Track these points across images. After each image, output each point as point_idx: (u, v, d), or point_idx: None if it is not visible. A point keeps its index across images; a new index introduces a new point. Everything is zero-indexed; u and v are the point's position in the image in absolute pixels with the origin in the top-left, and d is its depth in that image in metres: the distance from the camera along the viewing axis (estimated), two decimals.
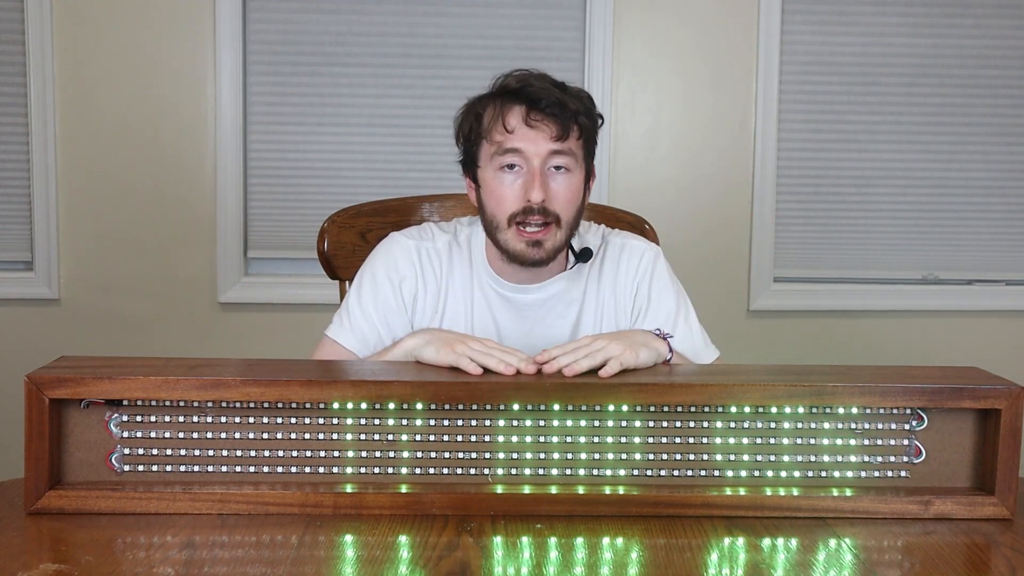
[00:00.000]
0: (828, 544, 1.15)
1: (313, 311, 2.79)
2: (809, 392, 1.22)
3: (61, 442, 1.20)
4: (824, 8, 2.91)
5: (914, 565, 1.11)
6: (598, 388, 1.21)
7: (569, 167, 1.51)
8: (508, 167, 1.50)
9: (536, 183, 1.48)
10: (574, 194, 1.52)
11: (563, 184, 1.51)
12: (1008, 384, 1.23)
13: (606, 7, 2.82)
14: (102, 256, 2.82)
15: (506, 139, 1.49)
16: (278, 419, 1.22)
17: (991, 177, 3.01)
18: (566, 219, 1.52)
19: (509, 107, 1.50)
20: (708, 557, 1.11)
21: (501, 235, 1.52)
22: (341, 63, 2.83)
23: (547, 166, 1.50)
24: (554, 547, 1.12)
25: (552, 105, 1.48)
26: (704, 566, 1.08)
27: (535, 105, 1.49)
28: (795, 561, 1.11)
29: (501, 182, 1.51)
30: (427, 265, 1.60)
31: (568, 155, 1.50)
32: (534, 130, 1.49)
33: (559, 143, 1.49)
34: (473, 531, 1.15)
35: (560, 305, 1.61)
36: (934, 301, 3.01)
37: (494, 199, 1.52)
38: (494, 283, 1.60)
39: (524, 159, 1.49)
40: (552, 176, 1.50)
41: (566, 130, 1.49)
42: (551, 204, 1.49)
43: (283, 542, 1.11)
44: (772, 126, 2.90)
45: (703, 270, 2.89)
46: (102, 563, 1.04)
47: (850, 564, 1.10)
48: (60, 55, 2.75)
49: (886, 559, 1.12)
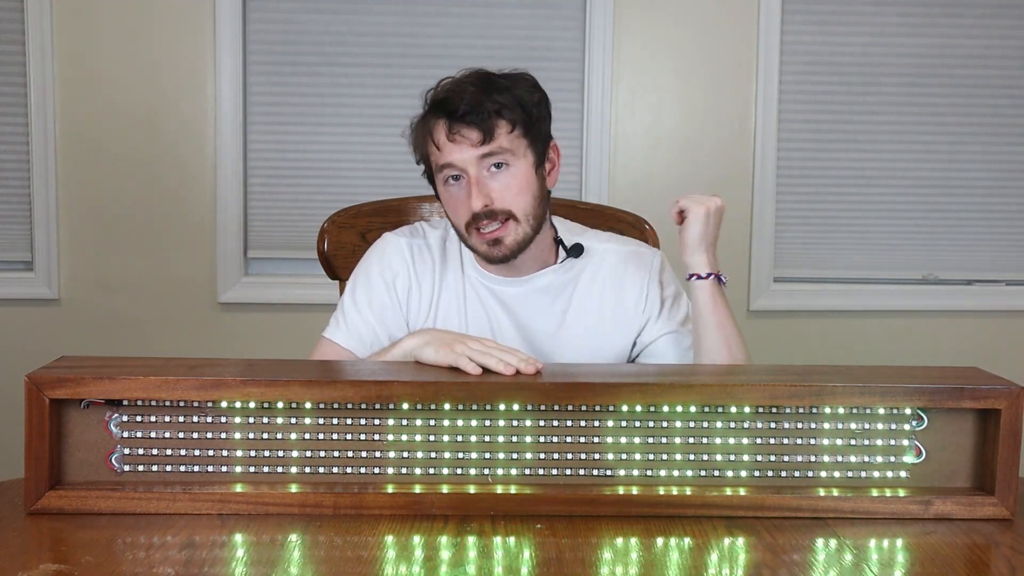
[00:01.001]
0: (828, 544, 1.15)
1: (313, 311, 2.79)
2: (809, 392, 1.22)
3: (61, 442, 1.20)
4: (824, 8, 2.91)
5: (914, 565, 1.11)
6: (599, 389, 1.21)
7: (507, 162, 1.51)
8: (452, 179, 1.53)
9: (473, 191, 1.49)
10: (520, 186, 1.52)
11: (505, 181, 1.51)
12: (1008, 384, 1.23)
13: (606, 7, 2.82)
14: (102, 256, 2.82)
15: (438, 156, 1.53)
16: (278, 419, 1.21)
17: (991, 177, 3.01)
18: (521, 212, 1.52)
19: (434, 123, 1.53)
20: (708, 557, 1.11)
21: (468, 242, 1.56)
22: (341, 63, 2.83)
23: (483, 169, 1.50)
24: (554, 547, 1.12)
25: (469, 112, 1.48)
26: (704, 566, 1.08)
27: (453, 116, 1.49)
28: (795, 561, 1.11)
29: (450, 195, 1.54)
30: (419, 261, 1.62)
31: (500, 152, 1.50)
32: (456, 143, 1.50)
33: (485, 146, 1.49)
34: (473, 531, 1.15)
35: (546, 299, 1.61)
36: (934, 301, 3.02)
37: (450, 211, 1.56)
38: (481, 277, 1.62)
39: (459, 169, 1.51)
40: (492, 176, 1.51)
41: (489, 131, 1.48)
42: (496, 204, 1.50)
43: (283, 542, 1.11)
44: (772, 126, 2.90)
45: None
46: (102, 563, 1.04)
47: (850, 564, 1.10)
48: (60, 55, 2.75)
49: (886, 559, 1.12)
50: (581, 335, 1.61)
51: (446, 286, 1.62)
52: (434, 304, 1.61)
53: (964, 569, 1.09)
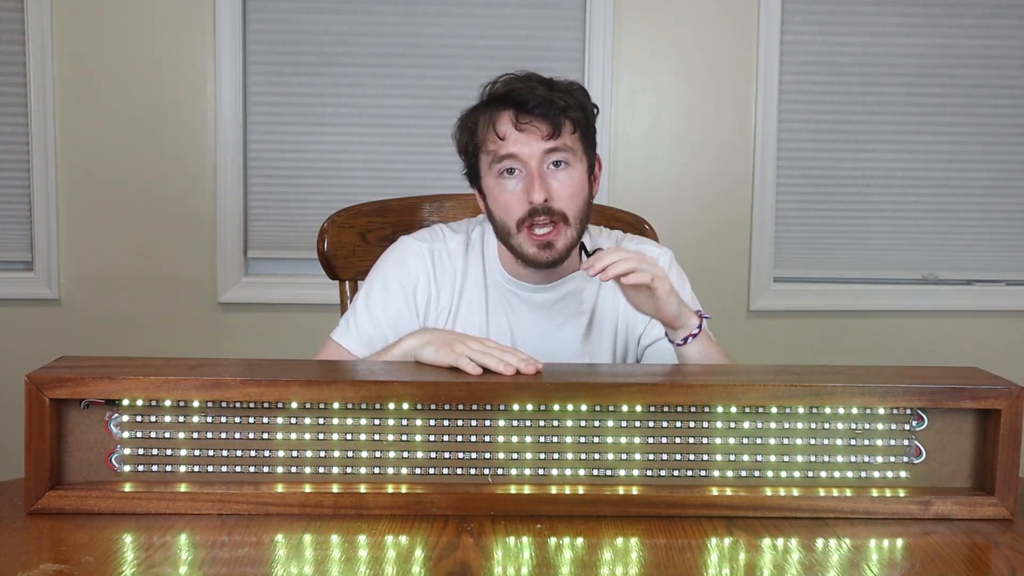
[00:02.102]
0: (828, 544, 1.15)
1: (313, 311, 2.79)
2: (809, 392, 1.22)
3: (61, 442, 1.20)
4: (824, 8, 2.91)
5: (914, 565, 1.11)
6: (599, 389, 1.21)
7: (568, 162, 1.51)
8: (508, 172, 1.51)
9: (536, 184, 1.48)
10: (577, 188, 1.52)
11: (563, 180, 1.50)
12: (1008, 384, 1.23)
13: (606, 7, 2.82)
14: (102, 256, 2.82)
15: (500, 146, 1.50)
16: (278, 419, 1.21)
17: (991, 177, 3.01)
18: (573, 215, 1.51)
19: (498, 114, 1.51)
20: (708, 557, 1.11)
21: (513, 240, 1.52)
22: (341, 63, 2.83)
23: (544, 165, 1.50)
24: (554, 547, 1.12)
25: (540, 105, 1.48)
26: (704, 566, 1.08)
27: (522, 107, 1.48)
28: (795, 561, 1.11)
29: (503, 189, 1.51)
30: (440, 267, 1.60)
31: (564, 151, 1.50)
32: (525, 133, 1.48)
33: (552, 141, 1.49)
34: (473, 531, 1.14)
35: (573, 304, 1.61)
36: (934, 301, 3.02)
37: (500, 207, 1.52)
38: (507, 283, 1.60)
39: (521, 163, 1.49)
40: (552, 174, 1.50)
41: (557, 127, 1.48)
42: (554, 203, 1.49)
43: (283, 542, 1.11)
44: (772, 126, 2.90)
45: (703, 270, 2.88)
46: (102, 563, 1.04)
47: (850, 564, 1.10)
48: (60, 55, 2.75)
49: (886, 559, 1.12)
50: (607, 340, 1.61)
51: (467, 293, 1.60)
52: (453, 311, 1.59)
53: (964, 569, 1.09)
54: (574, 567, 1.07)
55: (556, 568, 1.06)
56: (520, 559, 1.08)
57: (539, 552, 1.10)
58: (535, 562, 1.07)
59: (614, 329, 1.62)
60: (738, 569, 1.08)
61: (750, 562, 1.10)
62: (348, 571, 1.04)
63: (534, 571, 1.05)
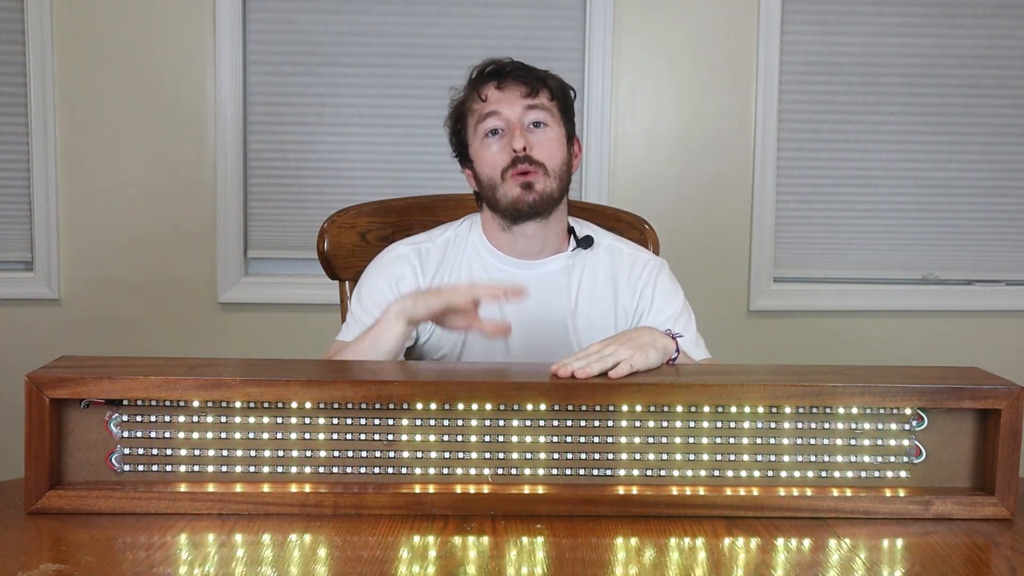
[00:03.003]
0: (828, 544, 1.15)
1: (313, 311, 2.79)
2: (809, 392, 1.22)
3: (61, 442, 1.20)
4: (824, 8, 2.91)
5: (914, 565, 1.11)
6: (598, 388, 1.21)
7: (546, 123, 1.62)
8: (491, 133, 1.62)
9: (516, 134, 1.59)
10: (555, 146, 1.62)
11: (542, 136, 1.61)
12: (1008, 384, 1.23)
13: (606, 7, 2.82)
14: (102, 256, 2.82)
15: (483, 107, 1.63)
16: (278, 419, 1.21)
17: (991, 177, 3.01)
18: (552, 167, 1.61)
19: (482, 83, 1.65)
20: (708, 557, 1.11)
21: (499, 192, 1.61)
22: (341, 63, 2.83)
23: (525, 122, 1.61)
24: (555, 547, 1.12)
25: (518, 69, 1.63)
26: (704, 566, 1.08)
27: (501, 73, 1.63)
28: (795, 561, 1.11)
29: (488, 147, 1.62)
30: (426, 261, 1.66)
31: (542, 110, 1.62)
32: (505, 92, 1.62)
33: (531, 99, 1.61)
34: (473, 531, 1.15)
35: (560, 283, 1.65)
36: (934, 301, 3.01)
37: (486, 164, 1.63)
38: (496, 260, 1.66)
39: (503, 120, 1.61)
40: (531, 131, 1.61)
41: (535, 89, 1.62)
42: (534, 152, 1.59)
43: (283, 542, 1.11)
44: (772, 126, 2.90)
45: (703, 270, 2.89)
46: (102, 563, 1.04)
47: (850, 564, 1.10)
48: (60, 55, 2.75)
49: (886, 559, 1.12)
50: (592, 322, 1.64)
51: (454, 275, 1.65)
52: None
53: (964, 569, 1.09)
54: (574, 567, 1.07)
55: (557, 568, 1.06)
56: (520, 559, 1.08)
57: (540, 552, 1.10)
58: (536, 562, 1.07)
59: (601, 314, 1.66)
60: (738, 569, 1.08)
61: (750, 562, 1.10)
62: (348, 571, 1.04)
63: (534, 571, 1.05)
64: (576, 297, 1.66)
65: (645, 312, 1.66)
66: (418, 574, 1.04)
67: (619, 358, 1.28)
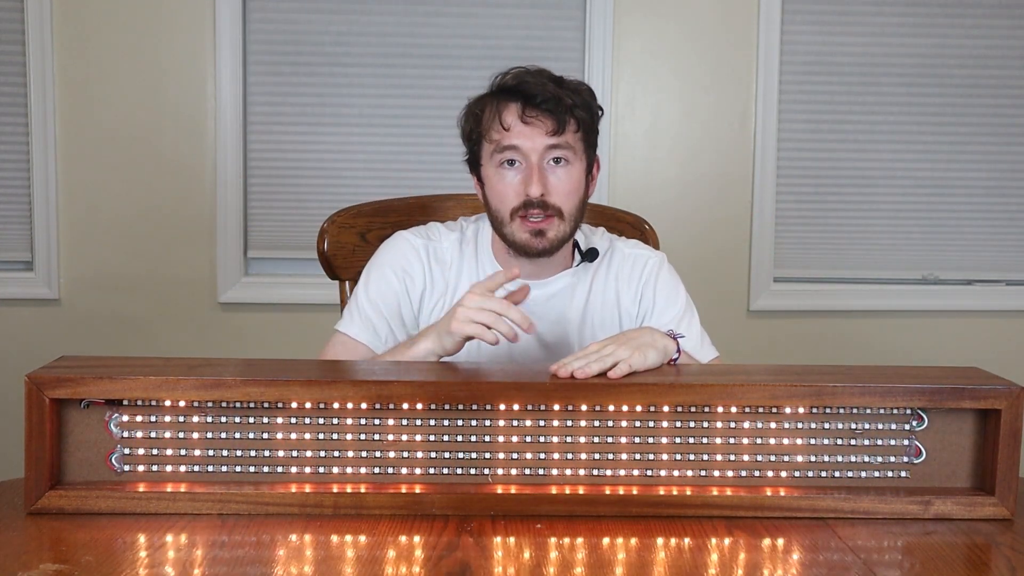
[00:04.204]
0: (828, 544, 1.15)
1: (313, 311, 2.79)
2: (809, 392, 1.22)
3: (61, 442, 1.20)
4: (824, 8, 2.91)
5: (914, 565, 1.11)
6: (598, 388, 1.21)
7: (568, 159, 1.54)
8: (508, 163, 1.53)
9: (534, 178, 1.51)
10: (574, 186, 1.55)
11: (562, 177, 1.53)
12: (1008, 384, 1.23)
13: (606, 7, 2.82)
14: (102, 256, 2.82)
15: (503, 137, 1.52)
16: (278, 419, 1.21)
17: (991, 177, 3.01)
18: (567, 211, 1.54)
19: (505, 105, 1.53)
20: (708, 557, 1.11)
21: (506, 228, 1.55)
22: (341, 63, 2.83)
23: (545, 160, 1.52)
24: (554, 547, 1.12)
25: (547, 101, 1.51)
26: (704, 566, 1.08)
27: (530, 101, 1.51)
28: (795, 561, 1.11)
29: (502, 178, 1.54)
30: (435, 264, 1.62)
31: (566, 148, 1.53)
32: (530, 126, 1.51)
33: (555, 137, 1.51)
34: (473, 531, 1.15)
35: (565, 301, 1.63)
36: (934, 301, 3.02)
37: (496, 195, 1.55)
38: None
39: (522, 155, 1.52)
40: (551, 170, 1.53)
41: (562, 124, 1.51)
42: (550, 197, 1.52)
43: (283, 542, 1.11)
44: (772, 126, 2.90)
45: (703, 270, 2.89)
46: (102, 563, 1.04)
47: (850, 564, 1.10)
48: (60, 55, 2.75)
49: (886, 559, 1.12)
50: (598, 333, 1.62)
51: (461, 288, 1.61)
52: (445, 305, 1.61)
53: (964, 569, 1.09)
54: (574, 567, 1.07)
55: (556, 568, 1.06)
56: (520, 559, 1.08)
57: (539, 552, 1.10)
58: (535, 562, 1.07)
59: (606, 312, 1.64)
60: (738, 569, 1.08)
61: (750, 562, 1.10)
62: (348, 571, 1.04)
63: (534, 571, 1.05)
64: (583, 311, 1.63)
65: (647, 314, 1.64)
66: (418, 574, 1.04)
67: (618, 358, 1.28)
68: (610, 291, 1.65)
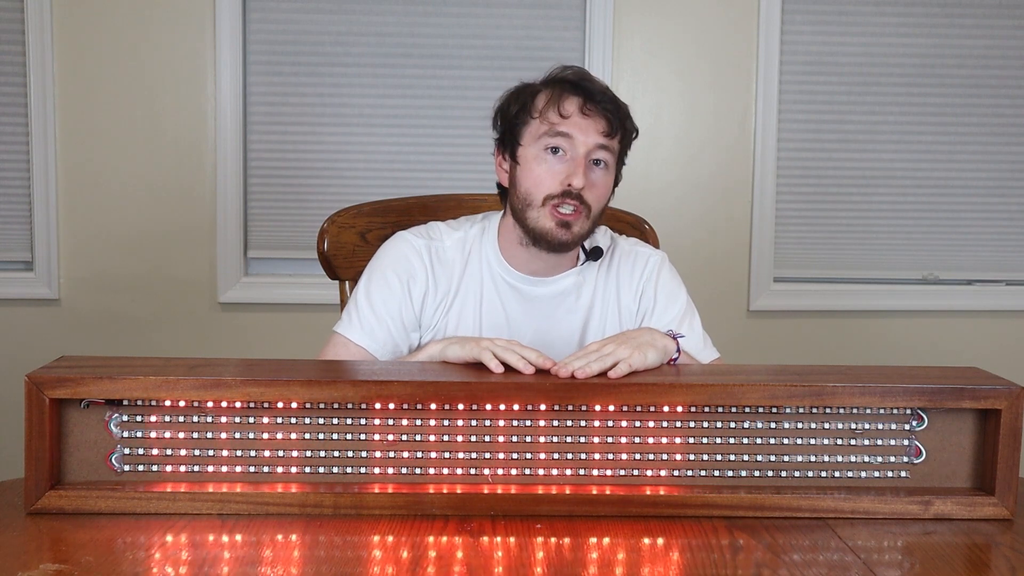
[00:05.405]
0: (828, 544, 1.15)
1: (313, 311, 2.79)
2: (809, 392, 1.22)
3: (61, 442, 1.20)
4: (824, 8, 2.91)
5: (914, 565, 1.11)
6: (598, 388, 1.21)
7: (607, 164, 1.57)
8: (553, 150, 1.54)
9: (580, 170, 1.53)
10: (605, 190, 1.58)
11: (600, 178, 1.56)
12: (1008, 384, 1.23)
13: (606, 7, 2.82)
14: (102, 256, 2.82)
15: (560, 123, 1.54)
16: (278, 419, 1.22)
17: (991, 177, 3.01)
18: (595, 211, 1.57)
19: (566, 95, 1.55)
20: (708, 557, 1.11)
21: (532, 212, 1.55)
22: (341, 63, 2.83)
23: (591, 157, 1.54)
24: (554, 547, 1.12)
25: (607, 101, 1.54)
26: (704, 566, 1.08)
27: (591, 98, 1.54)
28: (795, 561, 1.11)
29: (543, 162, 1.55)
30: (437, 264, 1.62)
31: (610, 151, 1.56)
32: (588, 119, 1.53)
33: (607, 138, 1.54)
34: (473, 531, 1.15)
35: (570, 300, 1.63)
36: (934, 301, 3.01)
37: (532, 178, 1.55)
38: (506, 274, 1.62)
39: (572, 145, 1.54)
40: (591, 168, 1.55)
41: (614, 128, 1.55)
42: (587, 193, 1.54)
43: (283, 542, 1.11)
44: (772, 126, 2.90)
45: (703, 270, 2.89)
46: (102, 563, 1.04)
47: (850, 564, 1.10)
48: (60, 55, 2.75)
49: (886, 559, 1.12)
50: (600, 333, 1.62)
51: (464, 287, 1.61)
52: (448, 305, 1.61)
53: (964, 569, 1.09)
54: (574, 567, 1.07)
55: (556, 568, 1.06)
56: (520, 559, 1.08)
57: (539, 552, 1.10)
58: (534, 562, 1.07)
59: (609, 311, 1.64)
60: (738, 569, 1.08)
61: (750, 562, 1.10)
62: (348, 571, 1.04)
63: (534, 571, 1.05)
64: (587, 311, 1.64)
65: (648, 314, 1.64)
66: (418, 574, 1.04)
67: (618, 357, 1.28)
68: (611, 288, 1.65)
